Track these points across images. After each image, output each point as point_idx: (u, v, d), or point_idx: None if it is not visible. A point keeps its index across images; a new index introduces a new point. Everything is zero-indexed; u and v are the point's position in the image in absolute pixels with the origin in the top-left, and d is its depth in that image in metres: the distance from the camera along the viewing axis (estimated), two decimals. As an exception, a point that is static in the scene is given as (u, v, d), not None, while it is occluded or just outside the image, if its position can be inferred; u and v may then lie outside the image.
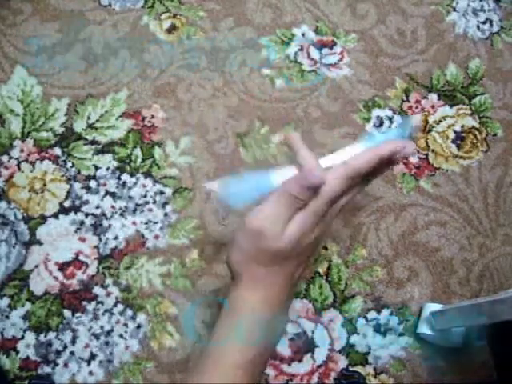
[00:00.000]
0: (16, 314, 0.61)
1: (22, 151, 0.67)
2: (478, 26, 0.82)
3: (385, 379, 0.63)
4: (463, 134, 0.74)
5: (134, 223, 0.66)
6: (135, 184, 0.67)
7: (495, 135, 0.75)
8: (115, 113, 0.70)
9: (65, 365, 0.60)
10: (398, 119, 0.73)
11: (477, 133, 0.75)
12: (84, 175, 0.67)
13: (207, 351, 0.43)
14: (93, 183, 0.67)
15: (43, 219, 0.65)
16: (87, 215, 0.65)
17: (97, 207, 0.66)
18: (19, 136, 0.68)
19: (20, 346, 0.60)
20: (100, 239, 0.65)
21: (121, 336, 0.61)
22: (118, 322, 0.62)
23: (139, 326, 0.62)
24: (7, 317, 0.61)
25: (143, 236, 0.65)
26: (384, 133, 0.52)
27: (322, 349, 0.63)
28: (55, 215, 0.65)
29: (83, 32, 0.75)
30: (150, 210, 0.66)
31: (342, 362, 0.63)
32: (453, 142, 0.74)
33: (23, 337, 0.60)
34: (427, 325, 0.62)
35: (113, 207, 0.66)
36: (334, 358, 0.63)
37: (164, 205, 0.67)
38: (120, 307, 0.62)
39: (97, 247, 0.64)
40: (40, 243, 0.64)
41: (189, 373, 0.58)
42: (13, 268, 0.63)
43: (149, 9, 0.77)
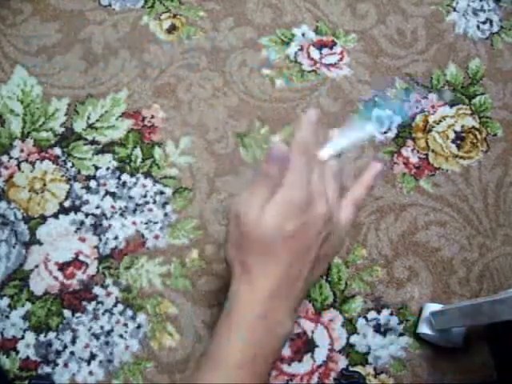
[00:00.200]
0: (16, 314, 0.61)
1: (22, 151, 0.67)
2: (478, 26, 0.82)
3: (385, 379, 0.63)
4: (463, 134, 0.74)
5: (134, 223, 0.66)
6: (135, 184, 0.67)
7: (495, 135, 0.75)
8: (115, 113, 0.70)
9: (65, 365, 0.60)
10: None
11: (477, 133, 0.75)
12: (84, 175, 0.67)
13: (208, 351, 0.43)
14: (93, 183, 0.67)
15: (43, 219, 0.65)
16: (87, 215, 0.65)
17: (97, 207, 0.66)
18: (19, 136, 0.68)
19: (20, 346, 0.60)
20: (100, 239, 0.65)
21: (121, 336, 0.61)
22: (118, 322, 0.62)
23: (139, 326, 0.62)
24: (7, 317, 0.61)
25: (143, 236, 0.65)
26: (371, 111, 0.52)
27: (322, 349, 0.63)
28: (55, 215, 0.65)
29: (83, 32, 0.75)
30: (150, 210, 0.66)
31: (342, 362, 0.63)
32: (453, 142, 0.74)
33: (23, 337, 0.60)
34: (427, 325, 0.62)
35: (113, 207, 0.66)
36: (334, 358, 0.63)
37: (164, 205, 0.67)
38: (120, 307, 0.62)
39: (97, 247, 0.64)
40: (40, 243, 0.64)
41: (191, 375, 0.58)
42: (13, 268, 0.63)
43: (149, 9, 0.77)
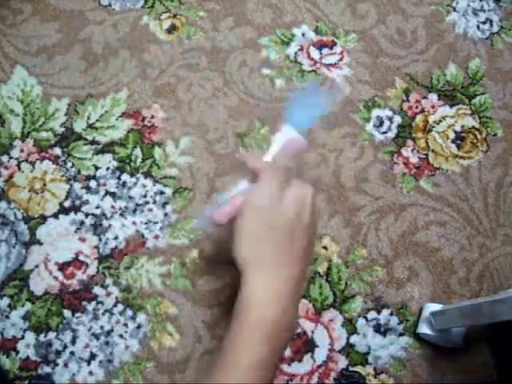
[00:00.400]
0: (16, 314, 0.61)
1: (22, 151, 0.67)
2: (478, 26, 0.82)
3: (385, 379, 0.63)
4: (463, 134, 0.74)
5: (134, 223, 0.66)
6: (135, 184, 0.67)
7: (495, 135, 0.75)
8: (115, 113, 0.70)
9: (65, 365, 0.60)
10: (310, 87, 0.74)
11: (477, 133, 0.75)
12: (84, 175, 0.67)
13: (218, 355, 0.43)
14: (93, 183, 0.67)
15: (43, 219, 0.65)
16: (87, 215, 0.65)
17: (97, 207, 0.66)
18: (19, 136, 0.68)
19: (20, 346, 0.60)
20: (100, 239, 0.65)
21: (121, 336, 0.61)
22: (118, 322, 0.62)
23: (139, 326, 0.62)
24: (7, 317, 0.61)
25: (143, 236, 0.65)
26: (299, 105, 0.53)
27: (322, 349, 0.63)
28: (55, 215, 0.65)
29: (83, 32, 0.75)
30: (150, 210, 0.66)
31: (342, 362, 0.63)
32: (453, 142, 0.74)
33: (23, 337, 0.60)
34: (427, 325, 0.62)
35: (113, 207, 0.66)
36: (334, 358, 0.63)
37: (164, 205, 0.67)
38: (120, 307, 0.62)
39: (97, 247, 0.64)
40: (40, 243, 0.64)
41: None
42: (13, 268, 0.63)
43: (149, 9, 0.77)
